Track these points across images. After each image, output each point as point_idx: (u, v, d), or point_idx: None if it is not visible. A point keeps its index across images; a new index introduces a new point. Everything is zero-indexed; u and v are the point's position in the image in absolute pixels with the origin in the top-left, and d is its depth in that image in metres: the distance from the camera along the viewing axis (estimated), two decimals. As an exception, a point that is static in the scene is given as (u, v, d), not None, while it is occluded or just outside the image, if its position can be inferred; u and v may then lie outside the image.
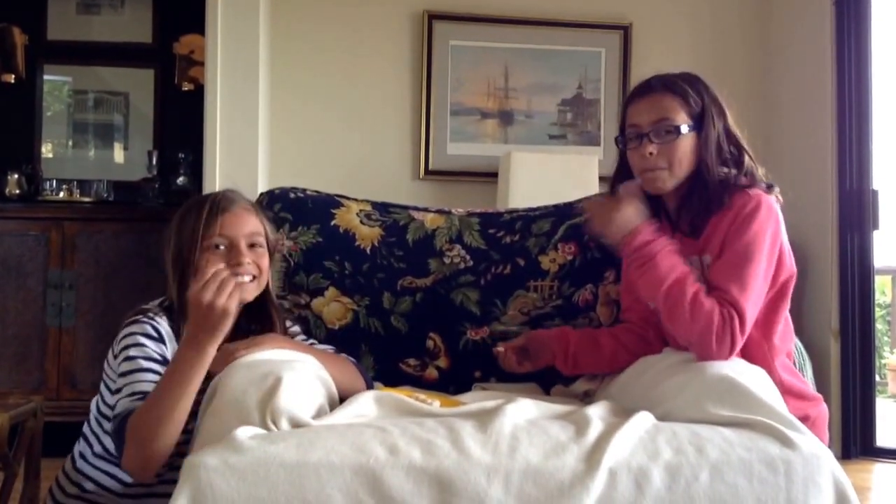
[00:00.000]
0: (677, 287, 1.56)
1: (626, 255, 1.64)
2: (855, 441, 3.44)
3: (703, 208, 1.66)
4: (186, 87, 4.11)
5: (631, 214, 1.63)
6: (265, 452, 1.25)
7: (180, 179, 3.99)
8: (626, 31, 3.87)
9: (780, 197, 1.70)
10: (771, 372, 1.61)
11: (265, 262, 1.64)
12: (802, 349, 2.41)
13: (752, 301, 1.57)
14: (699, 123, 1.67)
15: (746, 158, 1.70)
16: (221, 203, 1.63)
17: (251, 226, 1.63)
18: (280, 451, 1.25)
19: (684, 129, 1.65)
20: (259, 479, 1.23)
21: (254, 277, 1.60)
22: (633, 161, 1.70)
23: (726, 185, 1.65)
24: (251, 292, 1.60)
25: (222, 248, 1.59)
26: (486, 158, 3.76)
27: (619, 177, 1.76)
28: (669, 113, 1.66)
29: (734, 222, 1.61)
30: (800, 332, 2.74)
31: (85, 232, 3.57)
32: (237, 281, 1.49)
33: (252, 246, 1.62)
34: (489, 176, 3.65)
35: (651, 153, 1.65)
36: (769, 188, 1.68)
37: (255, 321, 1.66)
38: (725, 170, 1.67)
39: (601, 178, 3.40)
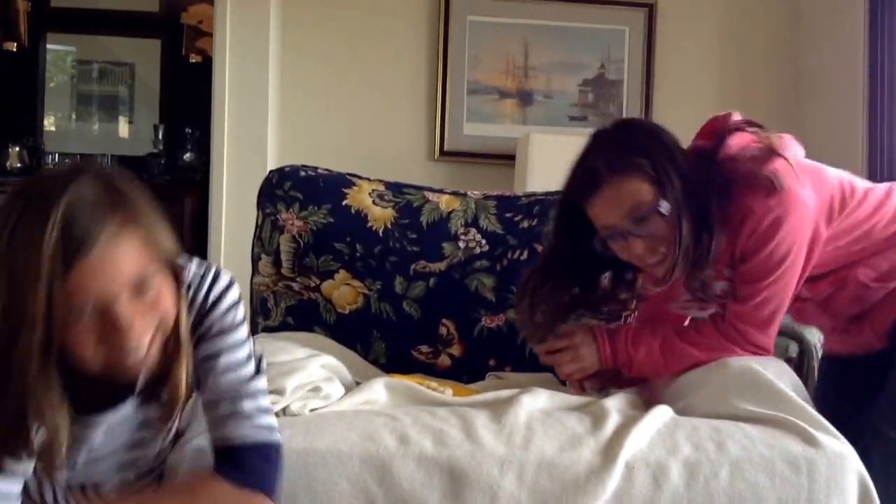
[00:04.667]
0: (670, 354, 1.54)
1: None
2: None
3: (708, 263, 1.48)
4: (194, 58, 4.07)
5: (587, 351, 1.58)
6: (272, 438, 1.23)
7: (187, 155, 3.96)
8: (650, 8, 3.76)
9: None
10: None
11: (165, 301, 1.08)
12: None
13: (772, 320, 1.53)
14: (662, 188, 1.43)
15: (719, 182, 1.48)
16: (73, 244, 0.97)
17: (129, 266, 1.02)
18: (287, 437, 1.24)
19: (662, 205, 1.43)
20: (265, 466, 1.20)
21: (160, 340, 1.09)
22: (629, 259, 1.51)
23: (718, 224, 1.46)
24: (149, 361, 1.09)
25: (88, 312, 1.01)
26: (503, 140, 3.68)
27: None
28: (635, 197, 1.43)
29: (751, 237, 1.46)
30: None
31: (89, 206, 3.54)
32: (125, 368, 1.06)
33: (139, 292, 1.05)
34: (506, 158, 3.59)
35: (643, 250, 1.46)
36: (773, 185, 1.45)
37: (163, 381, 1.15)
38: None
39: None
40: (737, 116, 1.58)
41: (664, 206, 1.42)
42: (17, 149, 3.85)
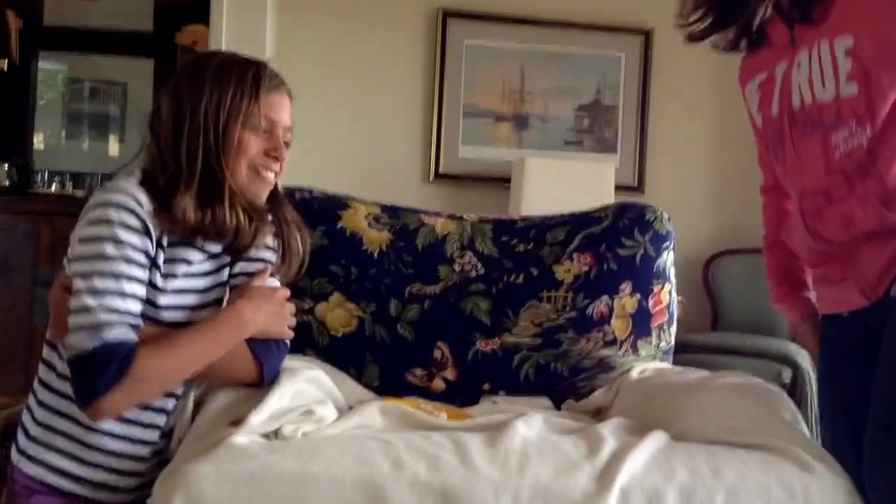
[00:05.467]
0: None
1: None
2: None
3: None
4: (188, 79, 4.06)
5: None
6: (264, 462, 1.23)
7: (179, 176, 3.94)
8: (647, 35, 3.78)
9: None
10: None
11: (286, 160, 1.56)
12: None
13: None
14: None
15: None
16: (272, 78, 1.50)
17: (289, 116, 1.54)
18: (279, 461, 1.23)
19: None
20: (255, 490, 1.20)
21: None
22: None
23: None
24: (267, 190, 1.54)
25: (263, 131, 1.48)
26: (498, 163, 3.69)
27: None
28: None
29: None
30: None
31: (77, 227, 3.53)
32: (266, 177, 1.51)
33: (286, 138, 1.54)
34: (501, 181, 3.59)
35: None
36: None
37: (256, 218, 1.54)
38: None
39: (617, 187, 3.35)
40: None
41: None
42: (7, 167, 3.83)
